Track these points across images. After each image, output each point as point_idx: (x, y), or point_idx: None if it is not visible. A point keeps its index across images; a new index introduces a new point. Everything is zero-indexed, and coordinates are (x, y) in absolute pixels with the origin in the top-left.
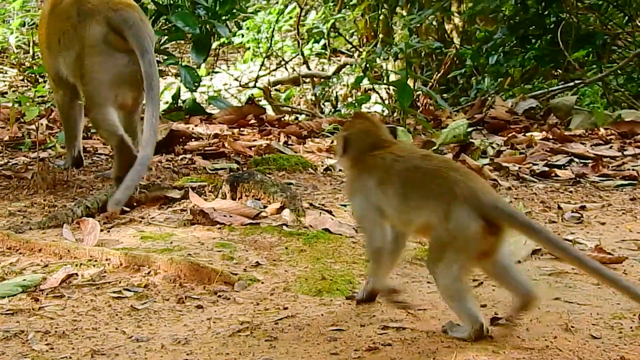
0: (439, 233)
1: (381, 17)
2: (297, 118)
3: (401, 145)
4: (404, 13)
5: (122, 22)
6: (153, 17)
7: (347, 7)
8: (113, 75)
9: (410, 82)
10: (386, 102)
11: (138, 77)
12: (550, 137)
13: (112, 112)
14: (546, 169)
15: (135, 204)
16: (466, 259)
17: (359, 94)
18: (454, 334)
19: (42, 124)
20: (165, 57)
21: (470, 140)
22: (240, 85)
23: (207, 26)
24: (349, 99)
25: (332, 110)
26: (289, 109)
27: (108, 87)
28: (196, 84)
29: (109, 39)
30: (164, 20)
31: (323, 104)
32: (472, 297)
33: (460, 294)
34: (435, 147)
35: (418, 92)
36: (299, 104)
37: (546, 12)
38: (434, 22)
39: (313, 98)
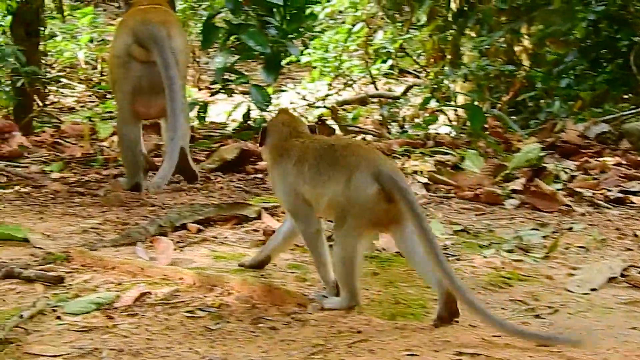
0: (341, 200)
1: (449, 38)
2: (364, 138)
3: (316, 136)
4: (473, 34)
5: (148, 36)
6: (224, 36)
7: (415, 27)
8: (133, 85)
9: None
10: (454, 123)
11: (159, 88)
12: (624, 162)
13: (131, 122)
14: (620, 195)
15: (210, 222)
16: (365, 225)
17: (427, 114)
18: (328, 306)
19: (113, 141)
20: (236, 76)
21: (543, 164)
22: (307, 105)
23: (277, 45)
24: (416, 120)
25: (400, 131)
26: (357, 129)
27: (130, 96)
28: (266, 103)
29: (132, 50)
30: (234, 39)
31: (390, 125)
32: (359, 273)
33: (353, 265)
34: (507, 171)
35: (487, 115)
36: (365, 124)
37: (618, 36)
38: (503, 44)
39: (380, 118)
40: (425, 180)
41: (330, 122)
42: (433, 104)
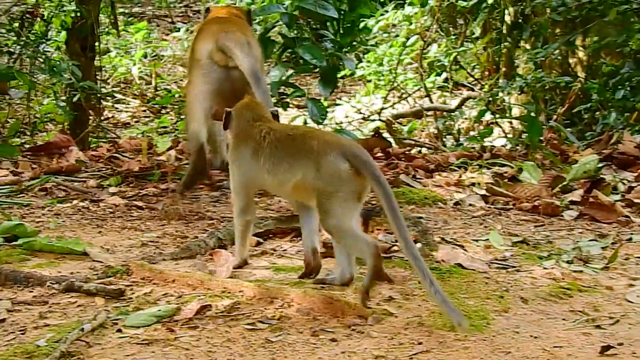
0: (318, 185)
1: (504, 50)
2: (420, 151)
3: (276, 122)
4: (528, 46)
5: (229, 43)
6: (280, 50)
7: (470, 40)
8: (211, 87)
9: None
10: (509, 136)
11: (234, 92)
12: None
13: (201, 121)
14: None
15: (269, 235)
16: (349, 199)
17: (482, 127)
18: (328, 282)
19: (170, 155)
20: (292, 90)
21: (601, 176)
22: (363, 118)
23: (333, 59)
24: (472, 133)
25: (455, 143)
26: (412, 142)
27: (204, 98)
28: (323, 117)
29: (213, 55)
30: (289, 53)
31: (445, 137)
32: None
33: (355, 233)
34: (565, 183)
35: (544, 127)
36: (420, 137)
37: None
38: (558, 56)
39: (435, 131)
40: (483, 192)
41: (385, 134)
42: (488, 116)
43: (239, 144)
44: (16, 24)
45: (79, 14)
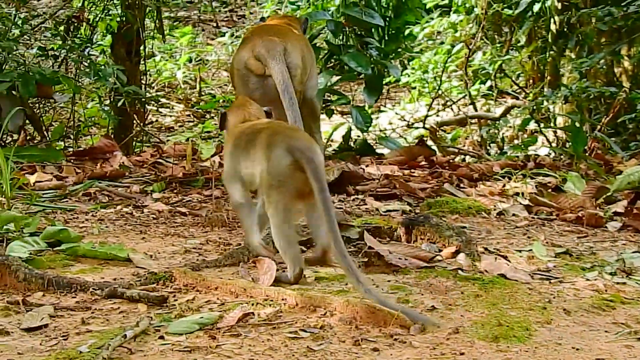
0: (264, 176)
1: (549, 59)
2: (463, 159)
3: (263, 120)
4: (573, 56)
5: (264, 51)
6: (325, 57)
7: (515, 48)
8: (247, 95)
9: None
10: (553, 145)
11: (270, 101)
12: None
13: None
14: None
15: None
16: (288, 195)
17: (526, 136)
18: (281, 280)
19: (214, 161)
20: (337, 97)
21: None
22: (407, 126)
23: (379, 66)
24: (515, 141)
25: (498, 152)
26: (456, 150)
27: None
28: (367, 124)
29: (249, 64)
30: (335, 60)
31: (489, 146)
32: (297, 243)
33: (289, 238)
34: (609, 194)
35: (587, 136)
36: (464, 145)
37: None
38: (603, 66)
39: (479, 139)
40: (527, 202)
41: (429, 142)
42: (532, 125)
43: (227, 142)
44: (62, 28)
45: (124, 19)
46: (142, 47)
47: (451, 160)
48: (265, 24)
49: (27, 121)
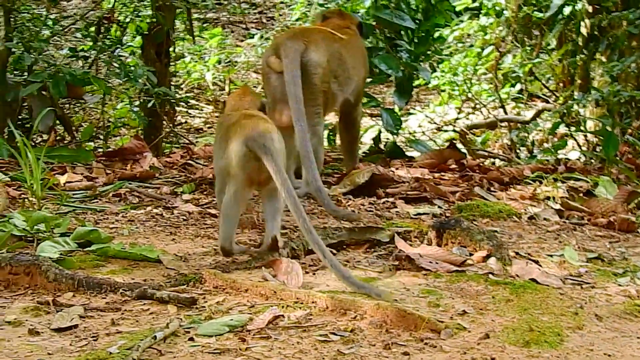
0: (221, 164)
1: (579, 62)
2: (493, 162)
3: (249, 111)
4: (603, 59)
5: (281, 48)
6: None
7: (545, 51)
8: (270, 94)
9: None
10: (583, 148)
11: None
12: None
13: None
14: None
15: (343, 247)
16: (240, 183)
17: (556, 139)
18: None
19: None
20: (367, 99)
21: None
22: (436, 128)
23: (408, 69)
24: (546, 145)
25: (528, 155)
26: (486, 154)
27: (271, 104)
28: (397, 127)
29: (270, 61)
30: None
31: (519, 149)
32: (235, 226)
33: (230, 218)
34: None
35: (619, 140)
36: (494, 148)
37: None
38: (635, 69)
39: (509, 143)
40: (558, 207)
41: (458, 145)
42: (563, 129)
43: (216, 130)
44: (92, 29)
45: (154, 20)
46: (171, 49)
47: (481, 164)
48: (301, 27)
49: (58, 122)
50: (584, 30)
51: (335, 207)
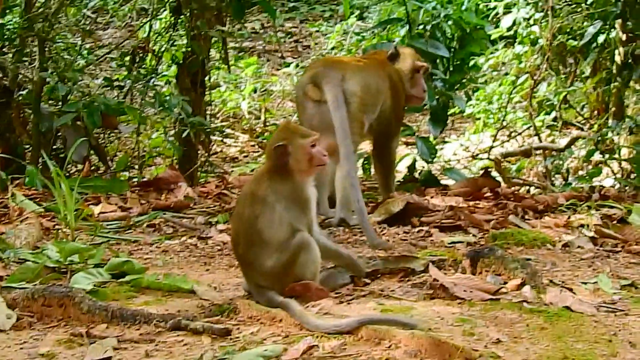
0: None
1: (613, 90)
2: (528, 190)
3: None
4: (637, 87)
5: (321, 77)
6: None
7: (579, 79)
8: (305, 121)
9: None
10: (618, 176)
11: (328, 126)
12: None
13: None
14: None
15: (377, 275)
16: None
17: (590, 167)
18: None
19: None
20: (402, 128)
21: None
22: (471, 157)
23: (443, 97)
24: (580, 172)
25: (563, 183)
26: (520, 182)
27: None
28: (432, 155)
29: (307, 90)
30: None
31: (554, 177)
32: None
33: None
34: None
35: None
36: (529, 176)
37: None
38: None
39: (544, 170)
40: (592, 234)
41: (493, 173)
42: (597, 156)
43: None
44: (127, 59)
45: (190, 49)
46: (207, 78)
47: (516, 192)
48: (332, 57)
49: (92, 152)
50: (618, 58)
51: (373, 234)
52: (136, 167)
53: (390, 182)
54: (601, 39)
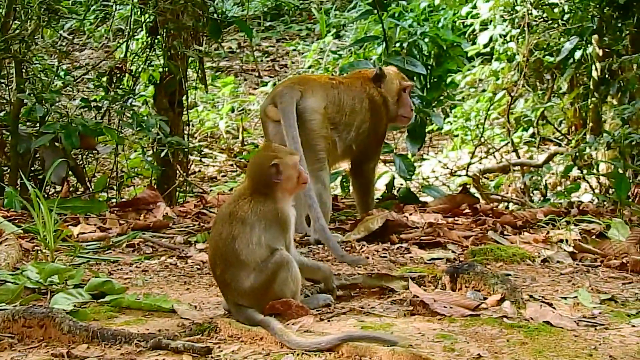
0: None
1: (591, 105)
2: (507, 207)
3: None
4: (615, 102)
5: (277, 97)
6: None
7: (557, 95)
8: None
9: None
10: (596, 191)
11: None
12: None
13: None
14: None
15: (357, 292)
16: None
17: (569, 183)
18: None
19: None
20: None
21: None
22: (450, 173)
23: (421, 114)
24: (558, 188)
25: (542, 199)
26: (499, 198)
27: None
28: (411, 173)
29: (267, 110)
30: None
31: (532, 193)
32: None
33: None
34: None
35: (630, 182)
36: (507, 192)
37: None
38: None
39: (522, 186)
40: (571, 249)
41: (472, 190)
42: (575, 172)
43: None
44: (104, 79)
45: (167, 69)
46: (184, 98)
47: (495, 208)
48: (300, 75)
49: (70, 173)
50: (595, 74)
51: (342, 252)
52: (115, 187)
53: (368, 202)
54: (578, 54)
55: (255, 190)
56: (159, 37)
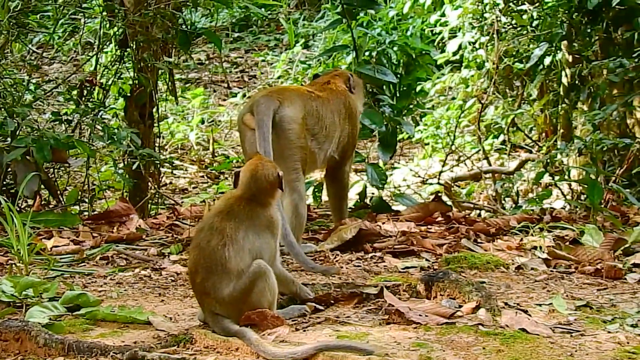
0: None
1: (561, 112)
2: (479, 214)
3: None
4: (585, 108)
5: (255, 106)
6: None
7: (527, 102)
8: (247, 149)
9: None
10: (568, 197)
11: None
12: None
13: None
14: None
15: (331, 302)
16: None
17: (540, 189)
18: None
19: None
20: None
21: None
22: (421, 182)
23: (392, 123)
24: (530, 195)
25: (514, 206)
26: (471, 205)
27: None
28: (383, 182)
29: (245, 119)
30: None
31: (504, 200)
32: None
33: None
34: (627, 245)
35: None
36: (479, 200)
37: None
38: (616, 117)
39: (494, 194)
40: (545, 256)
41: (444, 198)
42: (547, 178)
43: None
44: (74, 93)
45: (137, 82)
46: (155, 110)
47: (467, 216)
48: (278, 85)
49: (42, 186)
50: (565, 80)
51: (312, 264)
52: (87, 200)
53: (343, 208)
54: (547, 61)
55: (251, 198)
56: (128, 49)
